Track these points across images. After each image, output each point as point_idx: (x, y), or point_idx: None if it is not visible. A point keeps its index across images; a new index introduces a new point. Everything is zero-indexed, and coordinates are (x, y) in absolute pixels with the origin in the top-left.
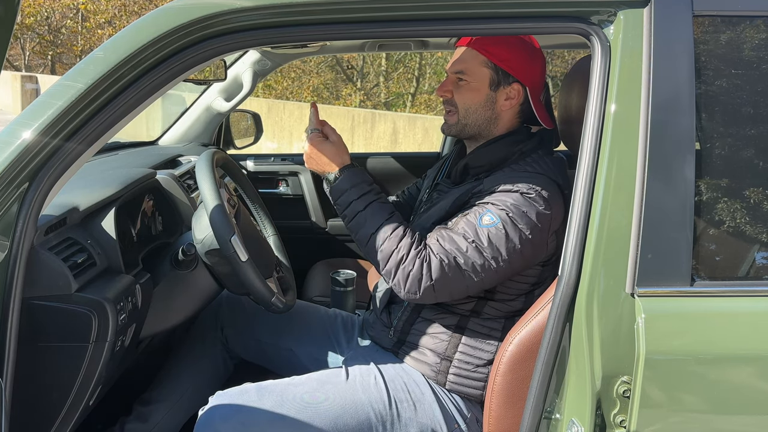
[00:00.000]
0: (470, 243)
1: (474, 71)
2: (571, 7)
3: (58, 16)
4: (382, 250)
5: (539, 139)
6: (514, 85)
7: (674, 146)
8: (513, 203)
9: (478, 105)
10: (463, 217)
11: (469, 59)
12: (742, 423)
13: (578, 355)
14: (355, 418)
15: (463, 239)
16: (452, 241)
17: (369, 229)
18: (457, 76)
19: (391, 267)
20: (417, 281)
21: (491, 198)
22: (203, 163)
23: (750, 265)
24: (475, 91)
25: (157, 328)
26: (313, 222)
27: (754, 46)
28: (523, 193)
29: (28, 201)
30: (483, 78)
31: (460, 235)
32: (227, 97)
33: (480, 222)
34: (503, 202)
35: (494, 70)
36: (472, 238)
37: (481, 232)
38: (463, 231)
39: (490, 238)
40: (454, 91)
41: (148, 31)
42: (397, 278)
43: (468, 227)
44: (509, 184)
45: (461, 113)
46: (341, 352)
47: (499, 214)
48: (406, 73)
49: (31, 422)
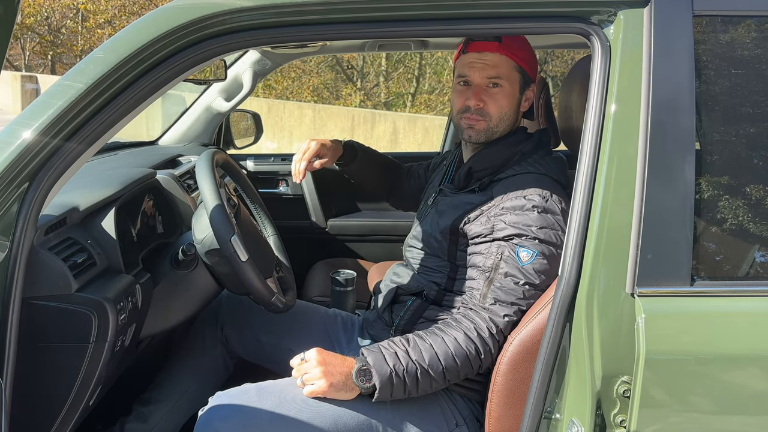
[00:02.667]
0: (523, 286)
1: (509, 77)
2: (571, 7)
3: (58, 16)
4: (461, 365)
5: (538, 140)
6: (532, 86)
7: (674, 146)
8: (536, 226)
9: (511, 110)
10: (500, 260)
11: (502, 65)
12: (742, 423)
13: (578, 355)
14: (355, 418)
15: (515, 285)
16: (508, 293)
17: (437, 369)
18: (492, 81)
19: (475, 363)
20: (497, 347)
21: (511, 225)
22: (203, 163)
23: (750, 265)
24: (510, 97)
25: (157, 328)
26: (313, 222)
27: (754, 46)
28: (538, 208)
29: (28, 201)
30: (515, 82)
31: (510, 282)
32: (227, 97)
33: (520, 261)
34: (527, 229)
35: (522, 73)
36: (523, 280)
37: (527, 270)
38: (510, 276)
39: (536, 271)
40: (486, 100)
41: (148, 31)
42: (483, 362)
43: (511, 270)
44: (521, 198)
45: (494, 120)
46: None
47: (532, 245)
48: (406, 73)
49: (31, 422)
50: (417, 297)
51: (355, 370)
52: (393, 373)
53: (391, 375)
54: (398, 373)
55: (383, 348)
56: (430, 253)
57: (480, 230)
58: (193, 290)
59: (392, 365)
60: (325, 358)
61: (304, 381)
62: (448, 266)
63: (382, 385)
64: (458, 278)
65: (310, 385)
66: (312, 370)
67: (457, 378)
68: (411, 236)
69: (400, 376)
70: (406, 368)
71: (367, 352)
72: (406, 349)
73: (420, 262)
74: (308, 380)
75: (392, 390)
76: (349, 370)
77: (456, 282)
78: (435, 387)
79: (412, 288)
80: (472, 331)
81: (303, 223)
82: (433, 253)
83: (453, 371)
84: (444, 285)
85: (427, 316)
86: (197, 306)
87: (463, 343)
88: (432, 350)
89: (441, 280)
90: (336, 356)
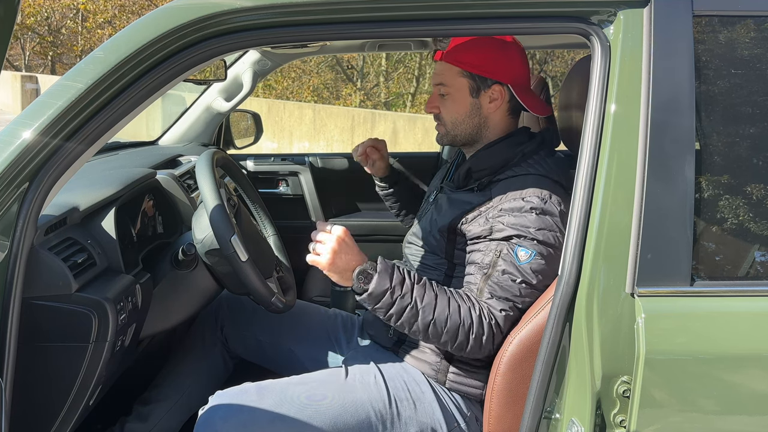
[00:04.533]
0: (519, 284)
1: (452, 83)
2: (571, 7)
3: (58, 16)
4: (448, 330)
5: (540, 140)
6: (495, 87)
7: (674, 146)
8: (534, 227)
9: (465, 115)
10: (498, 257)
11: (445, 72)
12: (742, 423)
13: (578, 355)
14: (355, 417)
15: (512, 283)
16: (504, 289)
17: (426, 317)
18: (439, 90)
19: (462, 340)
20: (491, 341)
21: (510, 226)
22: (203, 163)
23: (750, 265)
24: (458, 103)
25: (157, 328)
26: (313, 222)
27: (754, 45)
28: (536, 210)
29: (28, 201)
30: (462, 88)
31: (507, 279)
32: (227, 97)
33: (518, 260)
34: (526, 230)
35: (471, 77)
36: (520, 278)
37: (524, 269)
38: (508, 274)
39: (533, 271)
40: (440, 106)
41: (148, 31)
42: (470, 347)
43: (509, 268)
44: (519, 200)
45: (449, 126)
46: (341, 351)
47: (530, 246)
48: (406, 73)
49: (31, 422)
50: None
51: (360, 268)
52: (389, 292)
53: (386, 292)
54: (393, 296)
55: (396, 269)
56: (428, 251)
57: (479, 231)
58: (193, 290)
59: (393, 286)
60: (344, 240)
61: (313, 249)
62: (446, 264)
63: (372, 295)
64: (456, 276)
65: (316, 255)
66: (327, 243)
67: (437, 340)
68: (410, 233)
69: (393, 300)
70: (402, 296)
71: (381, 263)
72: (413, 284)
73: (418, 259)
74: (317, 250)
75: (377, 305)
76: (355, 265)
77: (453, 280)
78: (413, 333)
79: None
80: (476, 311)
81: (303, 223)
82: (432, 251)
83: (438, 330)
84: (442, 283)
85: None
86: (197, 306)
87: (463, 314)
88: (434, 301)
89: (438, 277)
90: (354, 247)
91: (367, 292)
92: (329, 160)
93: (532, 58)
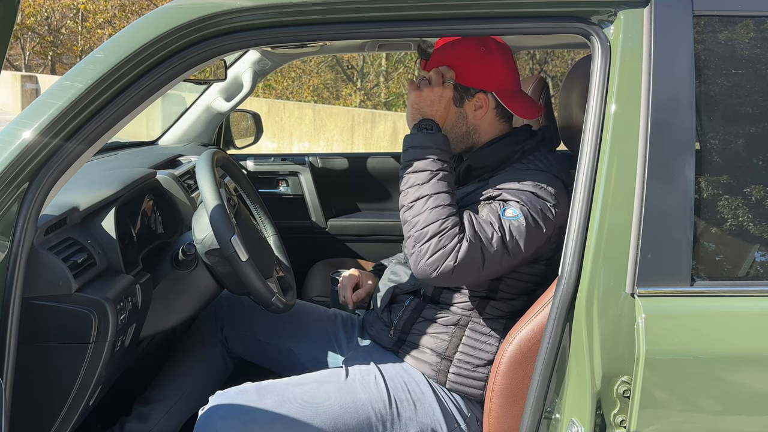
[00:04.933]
0: (496, 232)
1: None
2: (571, 7)
3: (58, 16)
4: (430, 214)
5: (541, 137)
6: (479, 95)
7: (674, 146)
8: (528, 199)
9: (451, 124)
10: (485, 205)
11: None
12: (742, 423)
13: (578, 355)
14: (355, 418)
15: (489, 226)
16: (480, 226)
17: (426, 190)
18: None
19: (428, 233)
20: (443, 258)
21: (506, 192)
22: (203, 163)
23: (750, 265)
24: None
25: (157, 328)
26: (313, 222)
27: (754, 45)
28: (532, 192)
29: (28, 201)
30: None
31: (486, 223)
32: (227, 97)
33: (503, 213)
34: (519, 197)
35: (452, 88)
36: (497, 226)
37: (505, 222)
38: (488, 218)
39: (511, 230)
40: None
41: (148, 31)
42: (426, 247)
43: (492, 215)
44: (516, 182)
45: None
46: (341, 351)
47: (521, 209)
48: (406, 73)
49: (31, 422)
50: (414, 296)
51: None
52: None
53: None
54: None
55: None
56: None
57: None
58: (193, 290)
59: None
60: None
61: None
62: None
63: (409, 144)
64: None
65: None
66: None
67: (410, 215)
68: None
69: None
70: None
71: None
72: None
73: None
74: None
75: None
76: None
77: None
78: (404, 187)
79: (409, 286)
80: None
81: (303, 223)
82: None
83: (419, 208)
84: None
85: (425, 315)
86: (197, 306)
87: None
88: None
89: None
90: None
91: (411, 140)
92: (329, 160)
93: (532, 58)
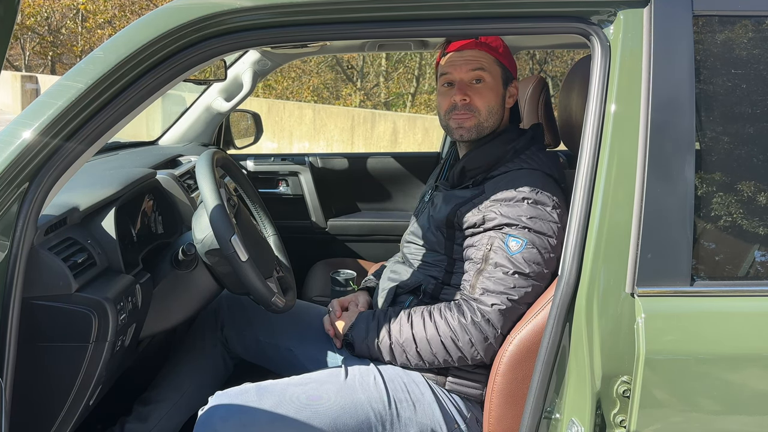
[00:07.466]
0: (512, 276)
1: (491, 70)
2: (571, 7)
3: (58, 17)
4: (436, 353)
5: (531, 136)
6: (515, 83)
7: (674, 146)
8: (526, 216)
9: (497, 104)
10: (489, 250)
11: (483, 58)
12: (742, 423)
13: (578, 355)
14: (354, 418)
15: (504, 275)
16: (497, 283)
17: (409, 347)
18: (476, 75)
19: (455, 353)
20: (483, 341)
21: (502, 215)
22: (203, 163)
23: (750, 265)
24: (494, 91)
25: (157, 328)
26: (313, 222)
27: (753, 46)
28: (528, 199)
29: (28, 201)
30: (498, 76)
31: (499, 272)
32: (227, 97)
33: (509, 251)
34: (518, 218)
35: (503, 68)
36: (512, 269)
37: (516, 260)
38: (500, 267)
39: (525, 261)
40: (473, 95)
41: (148, 31)
42: (467, 354)
43: (500, 260)
44: (512, 190)
45: (483, 115)
46: (341, 351)
47: (521, 234)
48: (406, 73)
49: (31, 422)
50: (414, 296)
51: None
52: (366, 341)
53: (365, 342)
54: (370, 344)
55: (367, 330)
56: (427, 248)
57: (473, 221)
58: (193, 290)
59: (368, 335)
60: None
61: None
62: (446, 260)
63: (358, 349)
64: (455, 272)
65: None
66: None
67: (433, 359)
68: (408, 232)
69: (374, 346)
70: (380, 341)
71: (357, 331)
72: (389, 326)
73: (417, 257)
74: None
75: (369, 352)
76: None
77: (453, 276)
78: (414, 363)
79: (410, 284)
80: (454, 320)
81: (303, 223)
82: (431, 248)
83: (427, 354)
84: (441, 279)
85: None
86: (197, 306)
87: (442, 331)
88: (410, 331)
89: (438, 273)
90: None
91: (354, 349)
92: (329, 160)
93: (532, 58)
